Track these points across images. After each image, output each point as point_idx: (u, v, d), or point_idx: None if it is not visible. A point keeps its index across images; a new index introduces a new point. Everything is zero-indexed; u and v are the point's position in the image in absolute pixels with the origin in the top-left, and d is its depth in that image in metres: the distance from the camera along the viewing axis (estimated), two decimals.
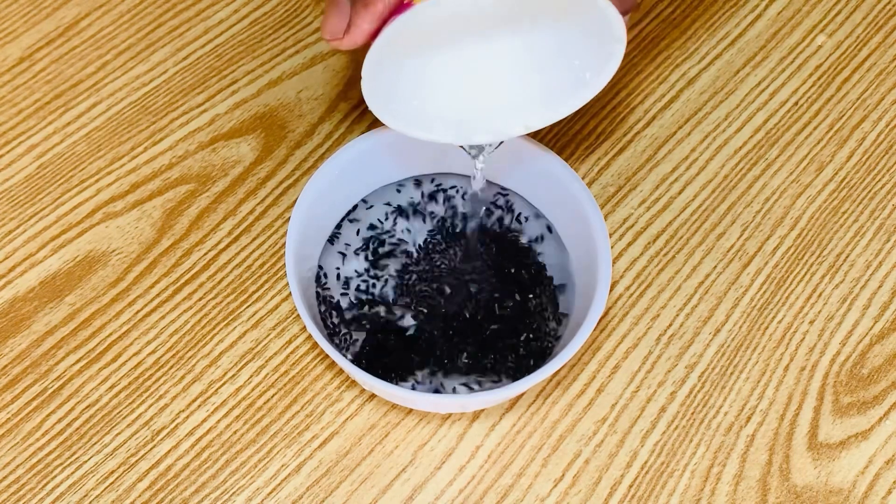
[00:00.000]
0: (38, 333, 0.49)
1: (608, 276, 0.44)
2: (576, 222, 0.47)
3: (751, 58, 0.59)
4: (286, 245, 0.44)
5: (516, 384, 0.42)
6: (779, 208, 0.54)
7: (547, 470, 0.47)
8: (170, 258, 0.52)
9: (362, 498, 0.46)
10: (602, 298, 0.44)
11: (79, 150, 0.54)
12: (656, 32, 0.60)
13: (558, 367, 0.42)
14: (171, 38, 0.58)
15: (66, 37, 0.58)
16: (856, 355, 0.51)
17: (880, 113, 0.58)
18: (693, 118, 0.57)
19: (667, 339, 0.50)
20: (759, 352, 0.50)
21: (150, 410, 0.48)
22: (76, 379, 0.48)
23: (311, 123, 0.56)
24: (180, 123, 0.56)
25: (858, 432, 0.49)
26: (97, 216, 0.53)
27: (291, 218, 0.45)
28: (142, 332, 0.50)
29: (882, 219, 0.54)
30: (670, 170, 0.55)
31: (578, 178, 0.47)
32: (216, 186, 0.54)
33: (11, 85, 0.56)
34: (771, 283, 0.52)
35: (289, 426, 0.48)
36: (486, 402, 0.45)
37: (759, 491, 0.47)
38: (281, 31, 0.59)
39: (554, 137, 0.56)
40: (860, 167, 0.56)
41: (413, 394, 0.43)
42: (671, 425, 0.48)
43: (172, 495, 0.46)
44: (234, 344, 0.49)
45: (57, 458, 0.47)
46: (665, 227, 0.54)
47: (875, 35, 0.60)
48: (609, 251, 0.45)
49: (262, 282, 0.51)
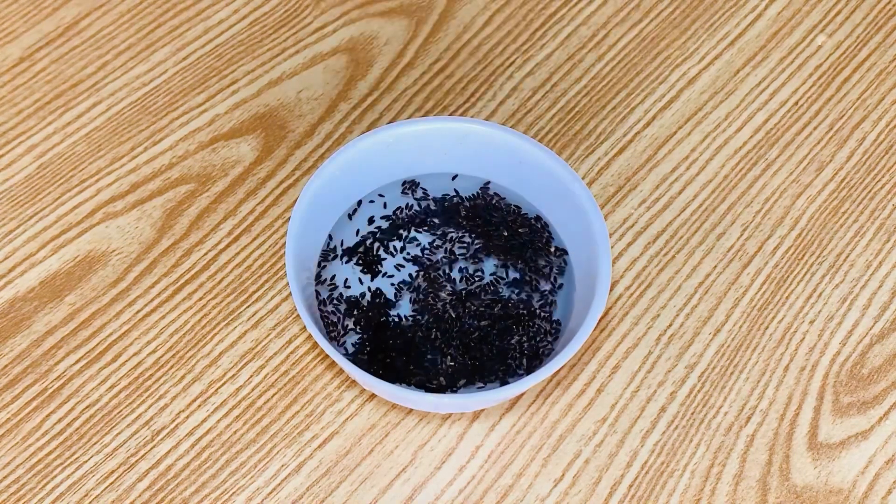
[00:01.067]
0: (38, 333, 0.49)
1: (608, 276, 0.44)
2: (576, 222, 0.47)
3: (751, 58, 0.59)
4: (286, 245, 0.44)
5: (516, 384, 0.42)
6: (779, 208, 0.54)
7: (547, 470, 0.47)
8: (170, 258, 0.52)
9: (362, 498, 0.46)
10: (602, 298, 0.44)
11: (79, 150, 0.55)
12: (656, 32, 0.60)
13: (558, 367, 0.42)
14: (171, 38, 0.58)
15: (66, 37, 0.58)
16: (856, 355, 0.51)
17: (880, 113, 0.58)
18: (693, 118, 0.57)
19: (667, 339, 0.51)
20: (759, 352, 0.50)
21: (150, 410, 0.48)
22: (76, 379, 0.48)
23: (311, 123, 0.56)
24: (180, 123, 0.56)
25: (858, 432, 0.49)
26: (97, 216, 0.53)
27: (291, 218, 0.45)
28: (142, 332, 0.50)
29: (882, 219, 0.54)
30: (670, 170, 0.55)
31: (578, 177, 0.47)
32: (216, 186, 0.54)
33: (11, 85, 0.56)
34: (771, 283, 0.52)
35: (289, 426, 0.48)
36: (487, 402, 0.45)
37: (759, 491, 0.47)
38: (281, 31, 0.59)
39: (554, 137, 0.56)
40: (860, 167, 0.56)
41: (413, 393, 0.43)
42: (671, 425, 0.48)
43: (172, 495, 0.46)
44: (234, 344, 0.49)
45: (57, 458, 0.47)
46: (665, 227, 0.54)
47: (875, 35, 0.60)
48: (609, 251, 0.45)
49: (262, 282, 0.51)
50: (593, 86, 0.58)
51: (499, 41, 0.59)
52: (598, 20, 0.60)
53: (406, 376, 0.45)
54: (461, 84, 0.58)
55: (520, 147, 0.48)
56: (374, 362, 0.45)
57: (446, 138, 0.49)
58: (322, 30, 0.59)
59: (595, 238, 0.45)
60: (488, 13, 0.60)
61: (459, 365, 0.45)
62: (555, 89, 0.58)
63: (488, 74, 0.58)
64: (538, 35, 0.59)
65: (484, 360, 0.46)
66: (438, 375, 0.45)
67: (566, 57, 0.59)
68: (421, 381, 0.45)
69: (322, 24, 0.59)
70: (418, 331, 0.46)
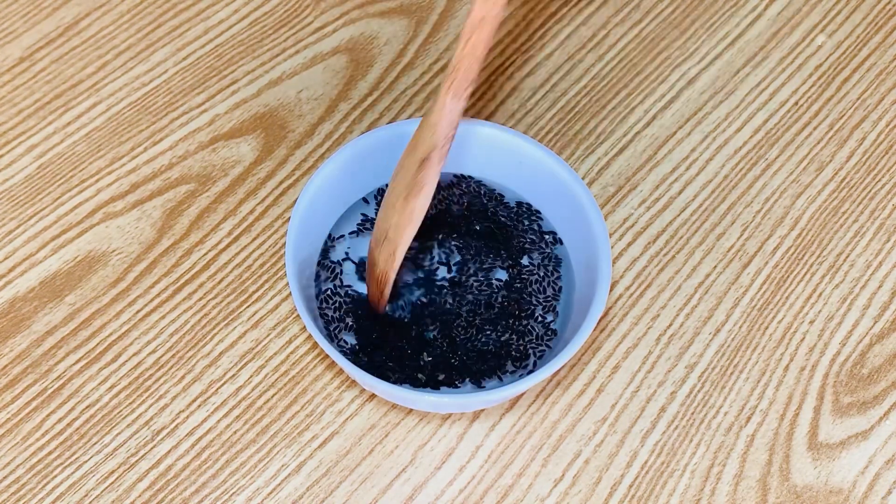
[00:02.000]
0: (38, 333, 0.49)
1: (608, 276, 0.44)
2: (576, 222, 0.47)
3: (751, 58, 0.59)
4: (286, 245, 0.44)
5: (516, 384, 0.42)
6: (779, 208, 0.54)
7: (547, 470, 0.47)
8: (170, 258, 0.52)
9: (362, 498, 0.46)
10: (602, 299, 0.44)
11: (79, 150, 0.55)
12: (656, 32, 0.60)
13: (558, 367, 0.42)
14: (171, 38, 0.58)
15: (66, 37, 0.58)
16: (856, 355, 0.51)
17: (880, 113, 0.58)
18: (693, 118, 0.57)
19: (667, 339, 0.51)
20: (759, 352, 0.50)
21: (151, 410, 0.48)
22: (76, 379, 0.48)
23: (311, 123, 0.56)
24: (180, 123, 0.56)
25: (858, 432, 0.49)
26: (97, 216, 0.53)
27: (291, 218, 0.45)
28: (142, 332, 0.50)
29: (882, 219, 0.54)
30: (670, 170, 0.55)
31: (578, 177, 0.47)
32: (216, 186, 0.54)
33: (11, 85, 0.56)
34: (771, 283, 0.52)
35: (289, 426, 0.48)
36: (487, 403, 0.45)
37: (759, 491, 0.47)
38: (281, 31, 0.59)
39: (554, 137, 0.56)
40: (860, 167, 0.56)
41: (413, 393, 0.43)
42: (671, 425, 0.48)
43: (172, 495, 0.46)
44: (234, 344, 0.49)
45: (57, 458, 0.47)
46: (665, 227, 0.54)
47: (875, 35, 0.60)
48: (609, 251, 0.45)
49: (262, 282, 0.51)
50: (593, 86, 0.58)
51: (499, 41, 0.59)
52: (598, 20, 0.60)
53: (405, 375, 0.45)
54: None
55: (519, 147, 0.48)
56: (374, 362, 0.45)
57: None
58: (322, 30, 0.59)
59: (595, 238, 0.45)
60: None
61: (459, 364, 0.46)
62: (555, 89, 0.58)
63: (488, 74, 0.58)
64: (538, 35, 0.59)
65: (484, 360, 0.46)
66: (438, 375, 0.45)
67: (566, 57, 0.59)
68: (420, 380, 0.45)
69: (322, 24, 0.59)
70: (417, 330, 0.46)
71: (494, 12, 0.39)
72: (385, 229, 0.44)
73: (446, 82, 0.40)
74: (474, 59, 0.40)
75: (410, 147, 0.43)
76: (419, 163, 0.42)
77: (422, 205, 0.42)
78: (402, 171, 0.43)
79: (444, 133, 0.41)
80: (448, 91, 0.40)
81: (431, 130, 0.42)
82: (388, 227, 0.44)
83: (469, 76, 0.40)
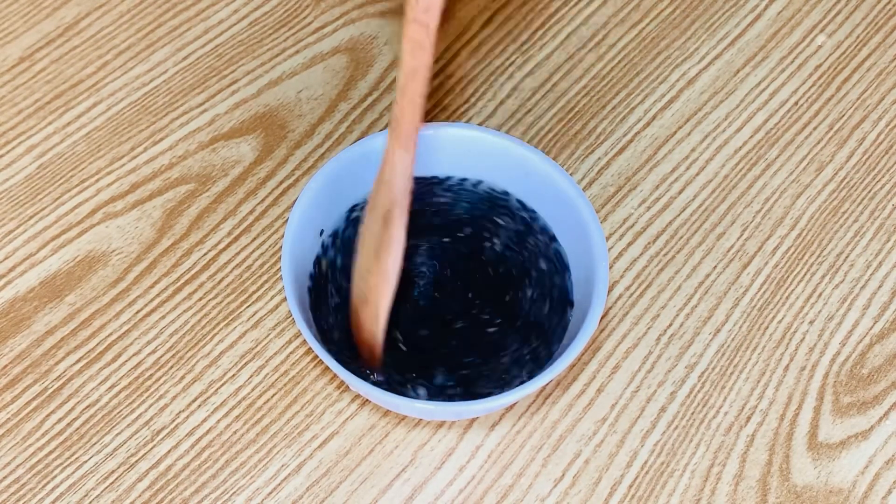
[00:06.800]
0: (38, 333, 0.49)
1: (606, 277, 0.44)
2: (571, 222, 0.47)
3: (751, 58, 0.59)
4: (283, 246, 0.44)
5: (515, 391, 0.42)
6: (779, 208, 0.54)
7: (547, 470, 0.47)
8: (170, 258, 0.52)
9: (362, 498, 0.46)
10: (601, 298, 0.44)
11: (79, 150, 0.55)
12: (656, 32, 0.60)
13: (560, 370, 0.42)
14: (171, 38, 0.58)
15: (66, 37, 0.58)
16: (856, 355, 0.51)
17: (880, 113, 0.58)
18: (693, 118, 0.57)
19: (667, 339, 0.51)
20: (759, 352, 0.50)
21: (151, 410, 0.48)
22: (76, 379, 0.48)
23: (311, 123, 0.56)
24: (180, 123, 0.56)
25: (858, 432, 0.49)
26: (97, 216, 0.53)
27: (289, 218, 0.45)
28: (142, 332, 0.50)
29: (882, 219, 0.54)
30: (670, 170, 0.55)
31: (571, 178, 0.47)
32: (216, 186, 0.54)
33: (11, 85, 0.56)
34: (771, 283, 0.52)
35: (289, 426, 0.48)
36: (485, 411, 0.44)
37: (759, 491, 0.47)
38: (281, 31, 0.59)
39: (554, 137, 0.56)
40: (860, 167, 0.56)
41: (407, 401, 0.42)
42: (671, 425, 0.48)
43: (172, 495, 0.46)
44: (234, 344, 0.49)
45: (57, 458, 0.47)
46: (665, 227, 0.54)
47: (875, 35, 0.60)
48: (606, 253, 0.45)
49: (262, 282, 0.51)
50: (593, 86, 0.58)
51: (499, 41, 0.59)
52: (598, 20, 0.60)
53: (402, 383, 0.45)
54: (461, 84, 0.58)
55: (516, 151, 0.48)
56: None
57: (447, 144, 0.49)
58: (322, 30, 0.59)
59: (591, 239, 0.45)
60: (488, 13, 0.60)
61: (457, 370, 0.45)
62: (555, 89, 0.58)
63: (488, 74, 0.58)
64: (538, 35, 0.59)
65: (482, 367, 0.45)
66: (435, 381, 0.45)
67: (566, 57, 0.59)
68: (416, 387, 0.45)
69: (322, 24, 0.59)
70: (416, 335, 0.46)
71: (425, 62, 0.38)
72: (364, 290, 0.43)
73: (391, 137, 0.40)
74: (415, 109, 0.39)
75: (371, 204, 0.42)
76: (382, 220, 0.42)
77: (394, 261, 0.42)
78: (367, 230, 0.43)
79: (400, 188, 0.41)
80: (395, 147, 0.40)
81: (388, 188, 0.41)
82: (367, 289, 0.43)
83: (413, 125, 0.40)
